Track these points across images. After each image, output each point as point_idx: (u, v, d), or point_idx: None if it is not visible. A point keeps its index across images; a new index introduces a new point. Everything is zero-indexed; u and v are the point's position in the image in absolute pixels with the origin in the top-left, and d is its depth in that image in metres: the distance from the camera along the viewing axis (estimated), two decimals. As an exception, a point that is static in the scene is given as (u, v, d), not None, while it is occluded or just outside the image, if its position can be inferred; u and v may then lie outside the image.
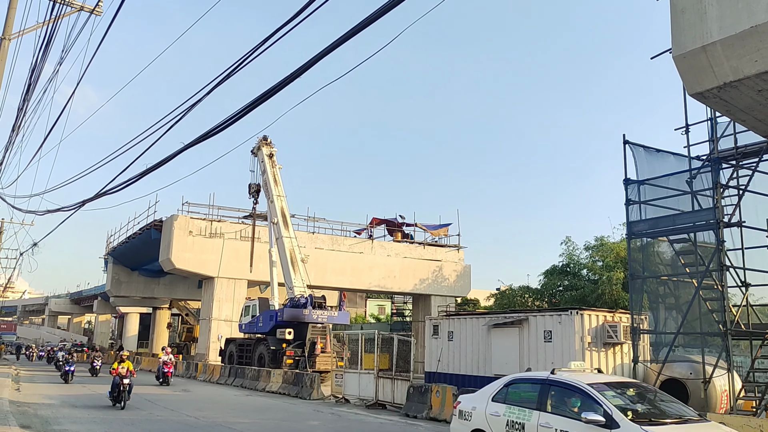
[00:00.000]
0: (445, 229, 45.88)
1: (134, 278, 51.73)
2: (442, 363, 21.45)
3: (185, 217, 38.05)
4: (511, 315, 19.93)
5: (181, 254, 37.28)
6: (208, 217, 38.73)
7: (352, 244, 42.68)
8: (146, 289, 52.25)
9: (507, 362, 19.17)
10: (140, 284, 51.87)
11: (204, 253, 37.83)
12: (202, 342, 39.44)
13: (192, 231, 37.72)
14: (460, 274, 45.67)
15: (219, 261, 37.93)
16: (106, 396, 20.49)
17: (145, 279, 51.89)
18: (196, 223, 38.14)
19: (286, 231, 31.96)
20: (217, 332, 36.93)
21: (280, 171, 33.61)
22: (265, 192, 33.36)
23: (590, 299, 32.91)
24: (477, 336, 20.62)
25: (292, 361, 27.80)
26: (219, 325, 37.82)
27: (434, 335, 22.48)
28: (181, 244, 37.29)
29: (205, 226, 38.27)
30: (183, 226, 37.56)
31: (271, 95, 7.91)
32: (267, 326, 30.25)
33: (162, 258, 38.79)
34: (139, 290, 52.12)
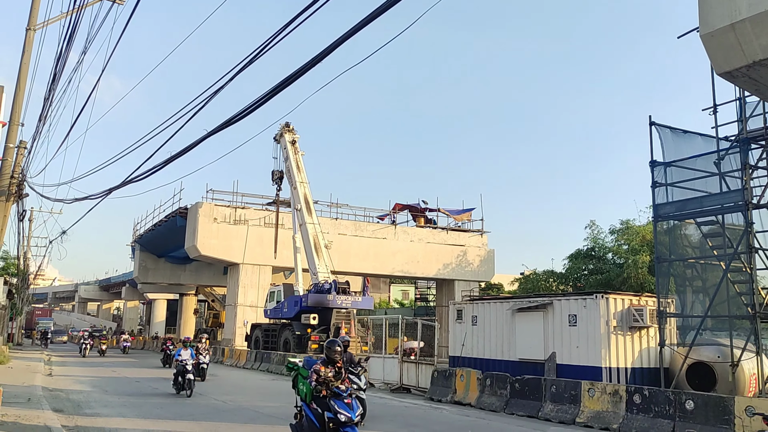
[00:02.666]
0: (468, 213, 45.74)
1: (161, 265, 52.45)
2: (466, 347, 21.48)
3: (210, 204, 38.42)
4: (535, 299, 19.87)
5: (206, 241, 37.69)
6: (232, 204, 39.08)
7: (375, 230, 42.76)
8: (173, 276, 52.97)
9: (531, 346, 19.14)
10: (167, 271, 52.59)
11: (229, 239, 38.20)
12: (228, 327, 39.97)
13: (216, 218, 38.10)
14: (484, 259, 45.55)
15: (244, 247, 38.29)
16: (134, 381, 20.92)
17: (172, 266, 52.59)
18: (221, 210, 38.49)
19: (310, 217, 32.12)
20: (242, 318, 37.37)
21: (302, 157, 33.74)
22: (288, 178, 33.53)
23: (615, 283, 32.66)
24: (501, 320, 20.59)
25: (317, 345, 28.04)
26: (244, 310, 38.26)
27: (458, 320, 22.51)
28: (206, 230, 37.70)
29: (230, 213, 38.61)
30: (208, 213, 37.94)
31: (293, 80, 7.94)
32: (292, 311, 30.53)
33: (187, 245, 39.27)
34: (166, 277, 52.86)
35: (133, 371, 25.80)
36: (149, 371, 25.93)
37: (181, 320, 61.57)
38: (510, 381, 15.60)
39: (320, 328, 28.76)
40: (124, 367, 28.65)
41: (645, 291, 27.49)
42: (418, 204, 46.15)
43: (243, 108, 9.07)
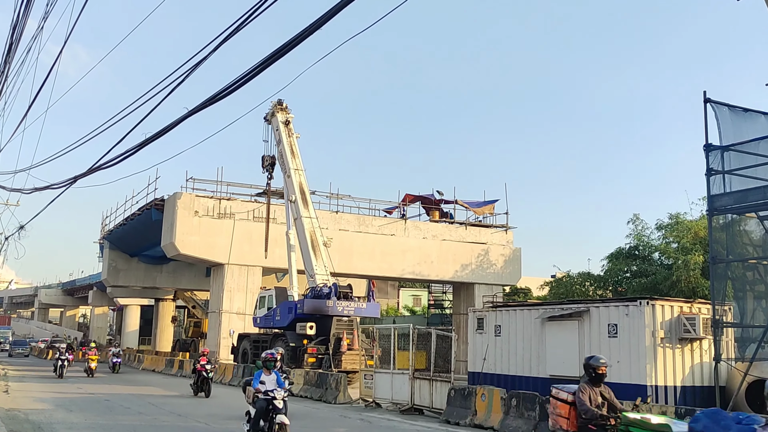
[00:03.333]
0: (490, 206, 45.65)
1: (133, 265, 52.69)
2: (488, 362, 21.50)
3: (190, 195, 38.52)
4: (569, 306, 19.84)
5: (185, 237, 37.82)
6: (216, 195, 39.15)
7: (382, 225, 42.79)
8: (147, 278, 53.20)
9: (564, 361, 19.14)
10: (140, 272, 52.82)
11: (212, 236, 38.31)
12: (211, 338, 40.10)
13: (198, 211, 38.20)
14: (509, 259, 45.51)
15: (229, 245, 38.37)
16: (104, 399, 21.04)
17: (146, 266, 52.82)
18: (203, 201, 38.59)
19: (306, 210, 32.14)
20: (228, 327, 37.50)
21: (298, 140, 33.72)
22: (280, 165, 33.54)
23: (663, 287, 32.55)
24: (529, 330, 20.59)
25: (315, 359, 28.09)
26: (230, 318, 38.39)
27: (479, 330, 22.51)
28: (185, 225, 37.82)
29: (213, 205, 38.70)
30: (187, 205, 38.04)
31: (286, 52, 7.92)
32: (285, 320, 30.61)
33: (164, 242, 39.40)
34: (140, 279, 53.09)
35: (98, 387, 25.92)
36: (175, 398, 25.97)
37: (157, 329, 61.89)
38: (539, 401, 15.61)
39: (318, 338, 28.81)
40: (89, 383, 28.75)
41: (697, 297, 27.38)
42: (431, 195, 46.08)
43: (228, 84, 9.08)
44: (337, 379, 23.16)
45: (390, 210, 45.94)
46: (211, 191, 39.40)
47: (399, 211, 44.98)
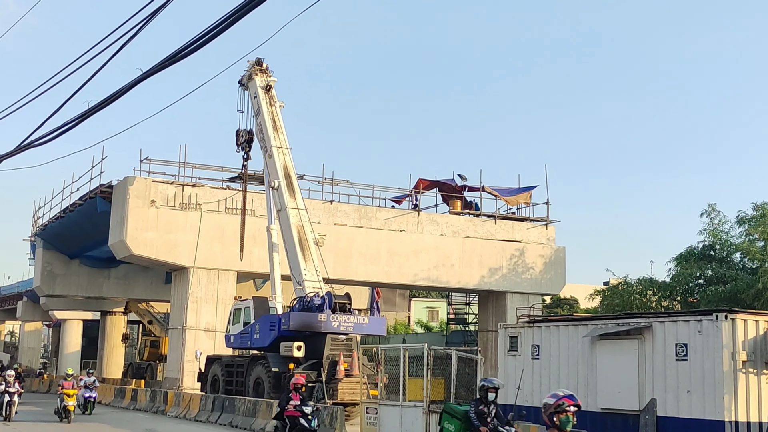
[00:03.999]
0: (526, 194, 45.57)
1: (74, 269, 52.80)
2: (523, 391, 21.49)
3: (145, 179, 38.57)
4: (626, 321, 19.81)
5: (139, 234, 37.90)
6: (178, 181, 39.19)
7: (388, 218, 42.80)
8: (91, 286, 53.30)
9: (619, 391, 19.13)
10: (82, 278, 52.93)
11: (173, 231, 38.39)
12: (172, 361, 40.20)
13: (155, 200, 38.27)
14: (550, 262, 45.47)
15: (195, 244, 38.44)
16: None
17: (90, 270, 52.92)
18: (162, 188, 38.64)
19: (292, 199, 32.14)
20: (194, 347, 37.57)
21: (282, 111, 33.71)
22: (260, 142, 33.54)
23: (746, 297, 32.47)
24: (575, 352, 20.57)
25: (304, 388, 28.09)
26: (197, 336, 38.47)
27: (511, 351, 22.50)
28: (139, 219, 37.88)
29: (175, 193, 38.76)
30: (142, 192, 38.11)
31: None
32: (266, 338, 30.64)
33: (112, 240, 39.47)
34: (82, 287, 53.20)
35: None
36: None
37: (104, 351, 62.09)
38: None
39: (308, 362, 28.81)
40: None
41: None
42: (451, 180, 46.00)
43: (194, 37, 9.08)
44: (332, 413, 23.19)
45: (399, 199, 45.84)
46: (172, 175, 39.46)
47: (410, 200, 44.89)
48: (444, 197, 46.04)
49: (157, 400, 34.14)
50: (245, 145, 34.16)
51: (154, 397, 34.59)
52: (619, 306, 36.95)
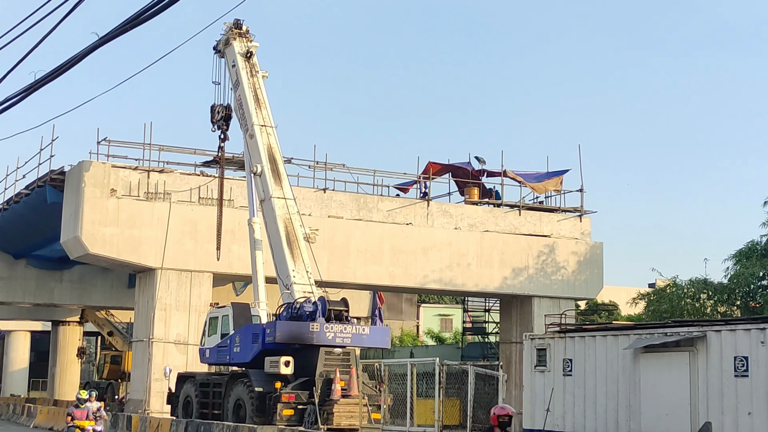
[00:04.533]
0: (556, 179, 45.54)
1: (20, 272, 52.86)
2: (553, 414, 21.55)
3: (103, 164, 38.56)
4: (675, 330, 19.82)
5: (97, 229, 37.90)
6: (142, 166, 39.18)
7: (392, 209, 42.81)
8: (41, 291, 53.35)
9: (668, 413, 19.16)
10: (30, 282, 52.99)
11: (137, 226, 38.40)
12: (137, 379, 40.25)
13: (116, 189, 38.27)
14: (585, 260, 45.46)
15: (163, 240, 38.46)
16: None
17: (39, 273, 52.98)
18: (123, 175, 38.63)
19: (278, 187, 32.12)
20: (162, 363, 37.65)
21: (266, 82, 33.68)
22: (239, 119, 33.50)
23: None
24: (615, 367, 20.59)
25: (293, 411, 28.07)
26: (165, 350, 38.54)
27: (539, 366, 22.52)
28: (97, 211, 37.88)
29: (139, 181, 38.76)
30: (100, 180, 38.11)
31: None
32: (248, 352, 30.67)
33: (66, 236, 39.49)
34: (29, 292, 53.26)
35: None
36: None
37: (57, 368, 62.20)
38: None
39: (298, 380, 28.85)
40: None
41: None
42: (467, 164, 45.95)
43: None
44: (326, 440, 23.26)
45: (405, 187, 45.83)
46: (135, 159, 39.46)
47: (418, 188, 44.90)
48: (458, 184, 46.02)
49: (119, 425, 34.20)
50: (222, 123, 34.08)
51: (116, 422, 34.67)
52: (667, 312, 36.91)
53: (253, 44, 33.74)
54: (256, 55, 33.71)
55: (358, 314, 48.33)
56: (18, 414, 47.18)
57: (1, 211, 46.58)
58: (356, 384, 27.96)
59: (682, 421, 18.72)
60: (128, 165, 39.07)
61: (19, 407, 48.80)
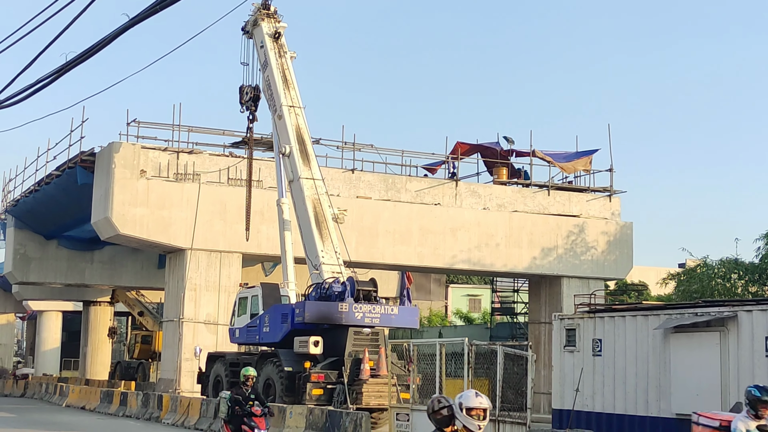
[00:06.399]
0: (585, 159, 45.34)
1: (51, 253, 53.23)
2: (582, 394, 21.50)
3: (133, 145, 38.72)
4: (706, 310, 19.71)
5: (127, 210, 38.09)
6: (171, 147, 39.30)
7: (421, 190, 42.77)
8: (72, 271, 53.73)
9: (699, 393, 19.07)
10: (62, 263, 53.37)
11: (167, 207, 38.56)
12: (168, 359, 40.52)
13: (146, 170, 38.42)
14: (615, 240, 45.28)
15: (193, 221, 38.59)
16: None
17: (70, 254, 53.35)
18: (153, 156, 38.78)
19: (307, 168, 32.16)
20: (193, 343, 37.85)
21: (294, 62, 33.67)
22: (267, 100, 33.53)
23: None
24: (645, 347, 20.51)
25: (322, 391, 28.21)
26: (196, 330, 38.74)
27: (569, 346, 22.47)
28: (127, 192, 38.06)
29: (168, 162, 38.89)
30: (130, 161, 38.27)
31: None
32: (277, 333, 30.80)
33: (96, 217, 39.73)
34: (61, 273, 53.65)
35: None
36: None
37: (88, 348, 62.65)
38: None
39: (327, 360, 28.94)
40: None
41: None
42: (496, 144, 45.83)
43: (190, -24, 9.06)
44: (355, 420, 23.31)
45: (433, 167, 45.75)
46: (164, 140, 39.63)
47: (447, 168, 44.82)
48: (487, 164, 45.91)
49: (150, 405, 34.44)
50: (250, 104, 34.11)
51: (147, 401, 34.91)
52: (698, 292, 36.75)
53: (281, 25, 33.72)
54: (284, 35, 33.70)
55: (387, 294, 48.34)
56: (50, 393, 47.72)
57: (33, 192, 46.90)
58: (385, 364, 27.99)
59: (713, 402, 18.59)
60: (158, 146, 39.23)
61: (52, 387, 49.34)
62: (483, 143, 45.88)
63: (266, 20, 33.57)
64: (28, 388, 54.57)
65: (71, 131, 42.20)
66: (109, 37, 10.43)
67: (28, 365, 79.51)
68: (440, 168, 45.34)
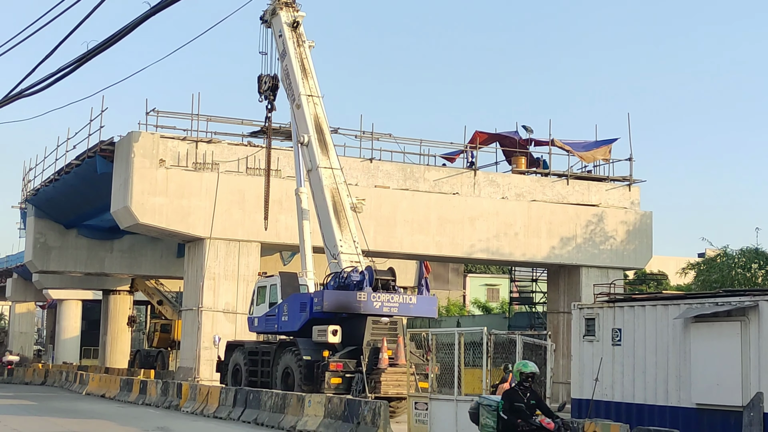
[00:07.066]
0: (605, 148, 45.21)
1: (71, 241, 53.48)
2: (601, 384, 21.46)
3: (152, 135, 38.81)
4: (726, 299, 19.62)
5: (146, 199, 38.20)
6: (190, 136, 39.38)
7: (439, 179, 42.73)
8: (92, 260, 54.00)
9: (719, 383, 19.00)
10: (81, 251, 53.62)
11: (186, 196, 38.66)
12: (187, 348, 40.68)
13: (165, 159, 38.52)
14: (634, 229, 45.16)
15: (212, 210, 38.67)
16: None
17: (90, 243, 53.58)
18: (172, 145, 38.86)
19: (325, 157, 32.17)
20: (212, 332, 38.02)
21: (312, 51, 33.65)
22: (286, 89, 33.55)
23: None
24: (665, 337, 20.44)
25: (341, 380, 28.27)
26: (215, 319, 38.86)
27: (588, 336, 22.42)
28: (146, 181, 38.17)
29: (187, 151, 38.97)
30: (149, 150, 38.37)
31: None
32: (296, 321, 30.85)
33: (116, 207, 39.87)
34: (80, 261, 53.92)
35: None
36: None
37: (108, 336, 63.05)
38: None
39: (346, 349, 28.99)
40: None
41: None
42: (515, 133, 45.76)
43: (210, -36, 9.04)
44: (374, 408, 23.32)
45: (452, 156, 45.70)
46: (183, 130, 39.76)
47: (465, 157, 44.76)
48: (506, 153, 45.83)
49: (169, 393, 34.56)
50: (269, 93, 34.18)
51: (166, 389, 35.03)
52: (718, 282, 36.67)
53: (299, 14, 33.73)
54: (302, 24, 33.71)
55: (405, 284, 48.40)
56: (71, 381, 47.94)
57: (53, 181, 47.09)
58: (404, 353, 28.01)
59: (733, 392, 18.54)
60: (177, 135, 39.35)
61: (72, 375, 49.58)
62: (502, 132, 45.84)
63: (284, 9, 33.59)
64: (48, 376, 54.89)
65: (91, 120, 42.39)
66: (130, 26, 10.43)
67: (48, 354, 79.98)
68: (459, 157, 45.31)
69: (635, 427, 16.97)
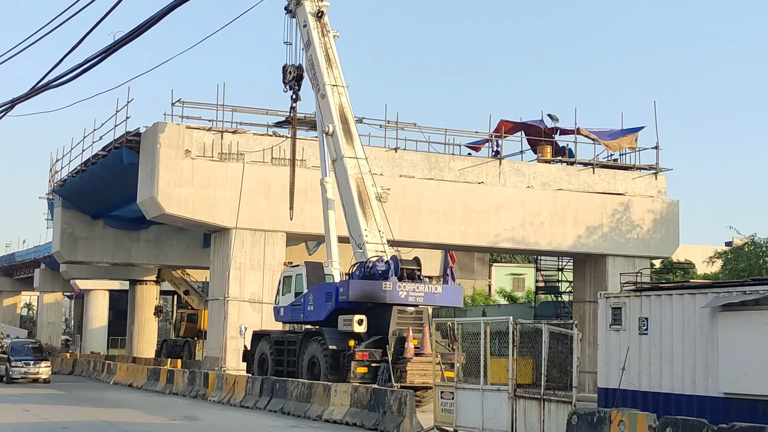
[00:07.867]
0: (631, 137, 44.99)
1: (98, 232, 53.83)
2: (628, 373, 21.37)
3: (178, 125, 38.93)
4: (754, 288, 19.47)
5: (173, 190, 38.35)
6: (216, 127, 39.49)
7: (464, 168, 42.67)
8: (118, 250, 54.32)
9: (747, 372, 18.87)
10: (108, 242, 53.96)
11: (212, 186, 38.78)
12: (213, 338, 40.88)
13: (190, 150, 38.64)
14: (661, 218, 44.95)
15: (237, 200, 38.79)
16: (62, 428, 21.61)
17: (116, 233, 53.91)
18: (198, 136, 38.99)
19: (350, 147, 32.16)
20: (238, 321, 38.14)
21: (337, 41, 33.63)
22: (311, 79, 33.55)
23: None
24: (692, 326, 20.33)
25: (366, 369, 28.31)
26: (241, 309, 38.99)
27: (614, 325, 22.31)
28: (172, 172, 38.31)
29: (213, 142, 39.09)
30: (175, 141, 38.49)
31: None
32: (322, 311, 30.91)
33: (142, 197, 40.07)
34: (107, 252, 54.26)
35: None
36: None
37: (135, 326, 63.46)
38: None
39: (371, 339, 29.03)
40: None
41: None
42: (540, 122, 45.59)
43: (235, -47, 9.05)
44: (399, 398, 23.37)
45: (477, 145, 45.59)
46: (209, 120, 39.84)
47: (490, 146, 44.64)
48: (531, 142, 45.68)
49: (196, 382, 34.79)
50: (294, 83, 34.19)
51: (193, 379, 35.26)
52: (746, 271, 36.48)
53: (324, 3, 33.68)
54: (326, 14, 33.67)
55: (430, 273, 48.37)
56: (98, 371, 48.34)
57: (80, 172, 47.38)
58: (429, 342, 27.98)
59: (762, 381, 18.39)
60: (202, 126, 39.46)
61: (99, 364, 49.99)
62: (527, 121, 45.64)
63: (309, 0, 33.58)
64: (76, 366, 55.29)
65: (117, 111, 42.50)
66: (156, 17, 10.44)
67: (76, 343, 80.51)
68: (484, 146, 45.16)
69: (662, 417, 16.91)
